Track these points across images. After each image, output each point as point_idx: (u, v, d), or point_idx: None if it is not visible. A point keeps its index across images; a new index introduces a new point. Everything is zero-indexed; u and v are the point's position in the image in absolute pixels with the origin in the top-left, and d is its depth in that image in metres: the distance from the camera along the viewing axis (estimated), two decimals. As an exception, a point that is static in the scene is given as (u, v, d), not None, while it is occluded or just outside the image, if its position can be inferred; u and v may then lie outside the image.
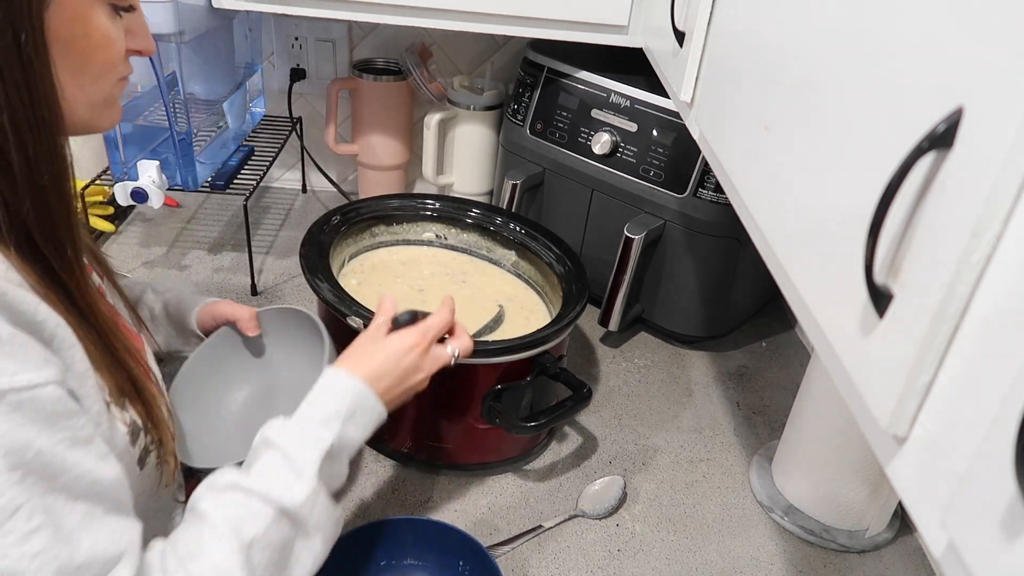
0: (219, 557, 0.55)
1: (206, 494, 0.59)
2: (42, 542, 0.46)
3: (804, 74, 0.52)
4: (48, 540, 0.46)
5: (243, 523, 0.57)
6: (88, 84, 0.56)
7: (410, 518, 0.86)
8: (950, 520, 0.32)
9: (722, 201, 1.10)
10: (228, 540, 0.56)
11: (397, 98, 1.43)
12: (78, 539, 0.48)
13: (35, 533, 0.46)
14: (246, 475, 0.60)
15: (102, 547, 0.50)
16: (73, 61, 0.53)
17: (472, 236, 1.15)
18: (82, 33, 0.54)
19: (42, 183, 0.52)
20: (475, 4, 1.10)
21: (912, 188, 0.36)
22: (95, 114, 0.58)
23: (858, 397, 0.40)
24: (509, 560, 0.86)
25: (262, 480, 0.60)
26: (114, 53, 0.57)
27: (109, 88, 0.59)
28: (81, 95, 0.55)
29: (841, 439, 0.89)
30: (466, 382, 0.91)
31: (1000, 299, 0.31)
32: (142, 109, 1.19)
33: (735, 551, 0.91)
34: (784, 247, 0.53)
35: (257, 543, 0.57)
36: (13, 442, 0.45)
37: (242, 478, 0.60)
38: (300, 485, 0.60)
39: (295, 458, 0.62)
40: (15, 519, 0.45)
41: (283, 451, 0.62)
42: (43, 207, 0.52)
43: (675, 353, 1.24)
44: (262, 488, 0.59)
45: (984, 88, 0.32)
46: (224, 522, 0.57)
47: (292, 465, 0.61)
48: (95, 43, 0.55)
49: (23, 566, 0.45)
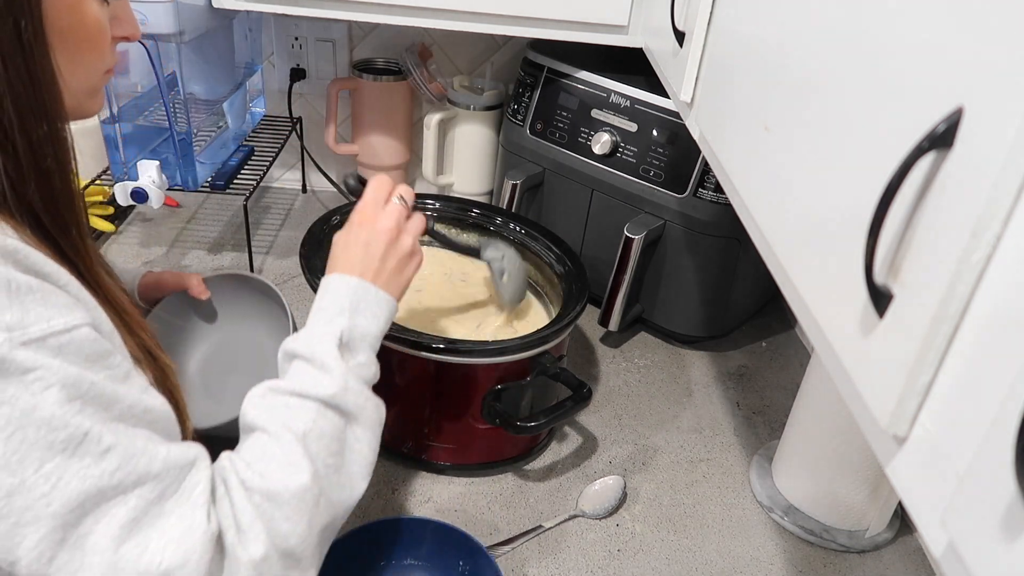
0: (280, 452, 0.59)
1: (249, 408, 0.63)
2: (117, 459, 0.49)
3: (804, 74, 0.52)
4: (123, 456, 0.49)
5: (291, 420, 0.61)
6: (80, 71, 0.58)
7: (410, 518, 0.86)
8: (950, 520, 0.32)
9: (722, 201, 1.10)
10: (283, 436, 0.60)
11: (397, 98, 1.43)
12: (153, 451, 0.51)
13: (109, 452, 0.49)
14: (280, 383, 0.64)
15: (176, 455, 0.53)
16: (68, 47, 0.55)
17: (472, 236, 1.14)
18: (77, 20, 0.56)
19: (46, 166, 0.54)
20: (475, 4, 1.10)
21: (912, 188, 0.36)
22: (82, 101, 0.60)
23: (858, 397, 0.40)
24: (509, 560, 0.86)
25: (294, 381, 0.64)
26: (104, 40, 0.59)
27: (97, 78, 0.60)
28: (73, 81, 0.57)
29: (841, 439, 0.89)
30: (466, 382, 0.91)
31: (1000, 299, 0.31)
32: (142, 109, 1.19)
33: (735, 551, 0.91)
34: (784, 247, 0.53)
35: (310, 435, 0.61)
36: (67, 376, 0.47)
37: (277, 383, 0.64)
38: (328, 377, 0.64)
39: (314, 356, 0.65)
40: (86, 443, 0.48)
41: (302, 355, 0.66)
42: (48, 189, 0.54)
43: (675, 353, 1.24)
44: (296, 387, 0.63)
45: (984, 88, 0.32)
46: (274, 423, 0.61)
47: (314, 363, 0.65)
48: (88, 29, 0.57)
49: (104, 482, 0.48)
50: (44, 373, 0.46)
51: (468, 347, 0.88)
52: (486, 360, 0.89)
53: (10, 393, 0.45)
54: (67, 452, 0.47)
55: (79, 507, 0.47)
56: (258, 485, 0.57)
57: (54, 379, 0.47)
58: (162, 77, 1.08)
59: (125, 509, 0.49)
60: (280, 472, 0.58)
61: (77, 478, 0.47)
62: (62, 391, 0.47)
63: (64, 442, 0.47)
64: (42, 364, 0.46)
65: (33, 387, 0.46)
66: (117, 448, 0.49)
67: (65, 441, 0.47)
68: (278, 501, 0.57)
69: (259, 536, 0.55)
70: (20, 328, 0.46)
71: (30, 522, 0.46)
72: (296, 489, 0.58)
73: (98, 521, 0.48)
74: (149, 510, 0.50)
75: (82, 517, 0.48)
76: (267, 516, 0.56)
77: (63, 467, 0.47)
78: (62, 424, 0.47)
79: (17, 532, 0.46)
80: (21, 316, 0.47)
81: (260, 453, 0.59)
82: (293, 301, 1.24)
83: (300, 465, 0.59)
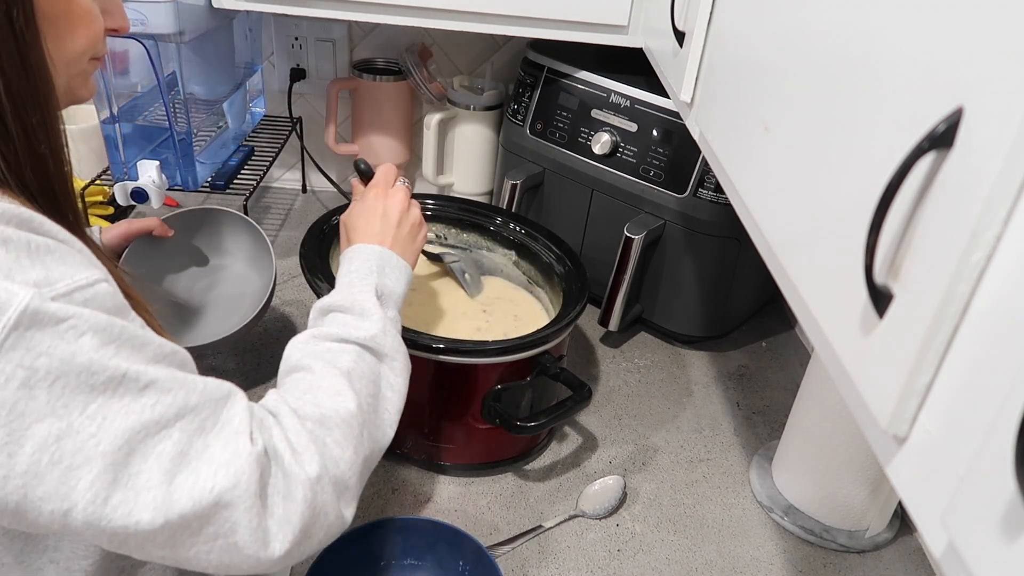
0: (327, 383, 0.64)
1: (293, 351, 0.68)
2: (156, 394, 0.51)
3: (804, 74, 0.52)
4: (161, 391, 0.51)
5: (335, 359, 0.66)
6: (69, 57, 0.59)
7: (410, 518, 0.86)
8: (950, 520, 0.32)
9: (722, 201, 1.10)
10: (329, 370, 0.65)
11: (397, 98, 1.43)
12: (190, 385, 0.53)
13: (147, 388, 0.50)
14: (320, 330, 0.69)
15: (212, 387, 0.55)
16: (56, 34, 0.56)
17: (472, 236, 1.15)
18: (65, 10, 0.57)
19: (41, 152, 0.55)
20: (475, 4, 1.10)
21: (912, 188, 0.36)
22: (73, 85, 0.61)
23: (858, 397, 0.40)
24: (509, 560, 0.86)
25: (335, 328, 0.69)
26: (95, 29, 0.60)
27: (85, 64, 0.61)
28: (63, 67, 0.58)
29: (841, 439, 0.89)
30: (466, 382, 0.91)
31: (1000, 299, 0.31)
32: (142, 109, 1.19)
33: (735, 551, 0.91)
34: (784, 247, 0.53)
35: (353, 373, 0.66)
36: (98, 323, 0.49)
37: (319, 330, 0.69)
38: (368, 322, 0.69)
39: (353, 305, 0.71)
40: (126, 383, 0.49)
41: (341, 306, 0.71)
42: (43, 174, 0.56)
43: (675, 353, 1.24)
44: (338, 333, 0.68)
45: (984, 88, 0.32)
46: (319, 362, 0.65)
47: (354, 311, 0.70)
48: (76, 19, 0.58)
49: (147, 416, 0.50)
50: (77, 321, 0.48)
51: (468, 347, 0.88)
52: (486, 360, 0.89)
53: (47, 344, 0.47)
54: (108, 392, 0.49)
55: (126, 444, 0.49)
56: (310, 412, 0.61)
57: (86, 326, 0.48)
58: (162, 77, 1.08)
59: (170, 444, 0.51)
60: (329, 400, 0.62)
61: (121, 415, 0.49)
62: (96, 336, 0.48)
63: (105, 383, 0.48)
64: (73, 313, 0.48)
65: (68, 335, 0.47)
66: (155, 384, 0.51)
67: (106, 383, 0.48)
68: (328, 425, 0.61)
69: (313, 457, 0.58)
70: (48, 284, 0.48)
71: (82, 464, 0.48)
72: (345, 414, 0.62)
73: (146, 459, 0.50)
74: (193, 443, 0.52)
75: (130, 455, 0.49)
76: (319, 440, 0.59)
77: (107, 407, 0.48)
78: (101, 367, 0.48)
79: (71, 475, 0.48)
80: (46, 273, 0.48)
81: (307, 386, 0.63)
82: (293, 302, 1.24)
83: (346, 395, 0.63)
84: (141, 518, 0.49)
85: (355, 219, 0.82)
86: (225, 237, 1.07)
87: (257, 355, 1.12)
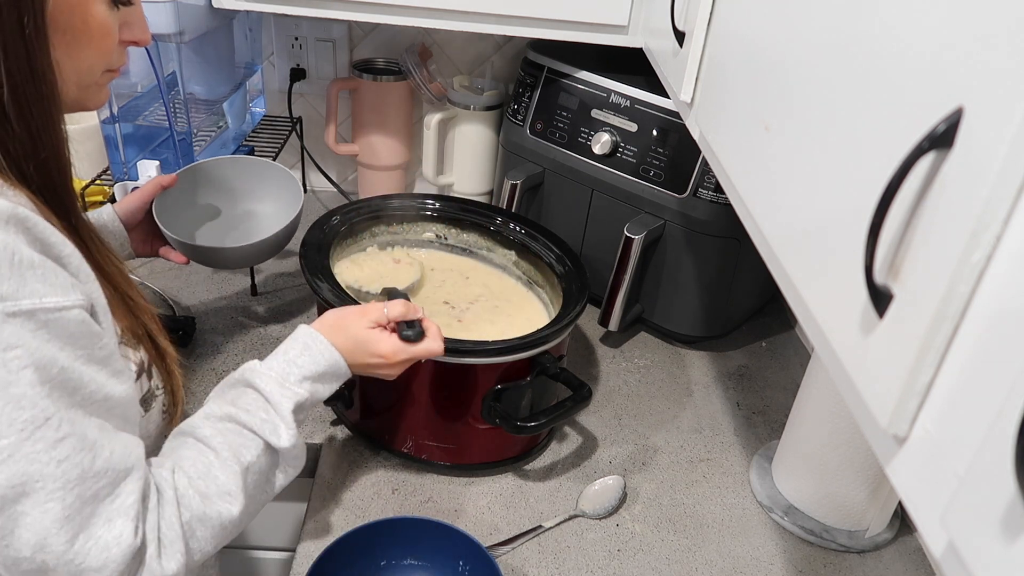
0: (223, 478, 0.63)
1: (204, 423, 0.66)
2: (67, 450, 0.51)
3: (804, 74, 0.52)
4: (73, 448, 0.52)
5: (241, 450, 0.65)
6: (79, 68, 0.59)
7: (410, 518, 0.86)
8: (950, 520, 0.32)
9: (722, 201, 1.10)
10: (231, 464, 0.64)
11: (397, 98, 1.43)
12: (99, 448, 0.54)
13: (62, 442, 0.51)
14: (237, 410, 0.67)
15: (117, 457, 0.55)
16: (69, 45, 0.57)
17: (472, 236, 1.14)
18: (80, 21, 0.57)
19: (44, 155, 0.56)
20: (475, 4, 1.10)
21: (912, 188, 0.36)
22: (84, 95, 0.62)
23: (858, 397, 0.40)
24: (509, 560, 0.86)
25: (254, 419, 0.67)
26: (109, 42, 0.61)
27: (98, 75, 0.62)
28: (74, 76, 0.59)
29: (841, 439, 0.89)
30: (466, 382, 0.91)
31: (1000, 299, 0.31)
32: (142, 109, 1.19)
33: (735, 551, 0.91)
34: (784, 247, 0.53)
35: (251, 468, 0.65)
36: (42, 358, 0.50)
37: (237, 412, 0.67)
38: (285, 429, 0.68)
39: (277, 405, 0.69)
40: (45, 428, 0.50)
41: (266, 396, 0.69)
42: (46, 177, 0.57)
43: (675, 353, 1.24)
44: (255, 425, 0.67)
45: (984, 88, 0.32)
46: (226, 448, 0.64)
47: (276, 410, 0.68)
48: (91, 31, 0.58)
49: (51, 470, 0.51)
50: (22, 352, 0.48)
51: (468, 347, 0.88)
52: (486, 360, 0.89)
53: None
54: (24, 432, 0.49)
55: (20, 485, 0.50)
56: (195, 506, 0.61)
57: (30, 360, 0.49)
58: (162, 77, 1.08)
59: (61, 505, 0.51)
60: (218, 499, 0.62)
61: (26, 459, 0.50)
62: (36, 373, 0.49)
63: (25, 422, 0.49)
64: (23, 343, 0.48)
65: (11, 364, 0.48)
66: (69, 439, 0.51)
67: (26, 422, 0.49)
68: (206, 524, 0.61)
69: (177, 554, 0.58)
70: (12, 299, 0.49)
71: None
72: (226, 520, 0.62)
73: (36, 507, 0.51)
74: (83, 509, 0.53)
75: (22, 496, 0.50)
76: (190, 536, 0.60)
77: (17, 447, 0.49)
78: (30, 404, 0.49)
79: None
80: (17, 288, 0.49)
81: (204, 471, 0.63)
82: (292, 302, 1.24)
83: (236, 497, 0.63)
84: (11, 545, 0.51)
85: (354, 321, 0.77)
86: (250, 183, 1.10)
87: (257, 355, 1.11)
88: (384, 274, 1.06)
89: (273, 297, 1.25)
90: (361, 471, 0.96)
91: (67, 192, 0.59)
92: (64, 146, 0.58)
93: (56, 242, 0.53)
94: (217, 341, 1.14)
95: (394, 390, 0.93)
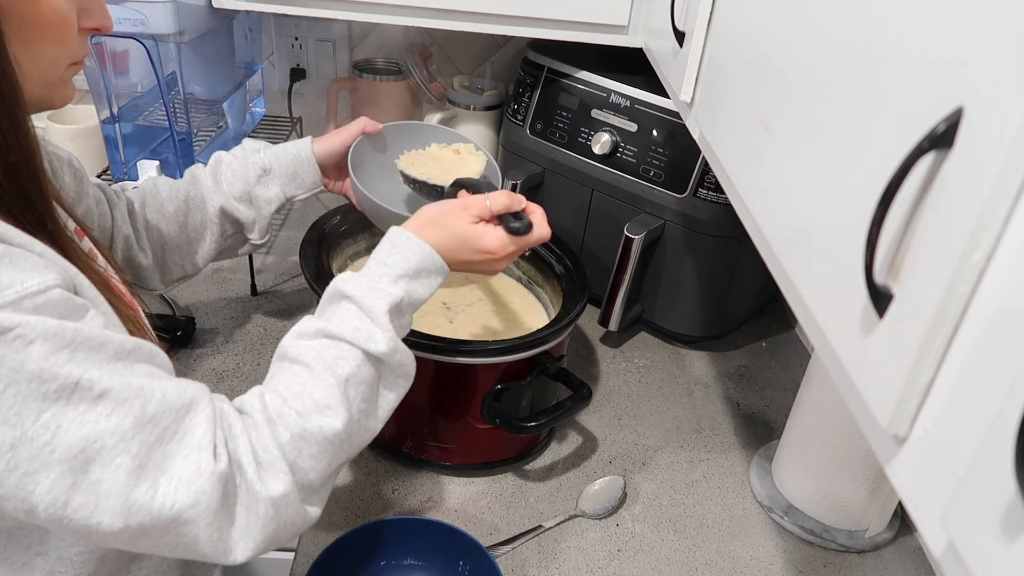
0: (319, 392, 0.60)
1: (295, 342, 0.64)
2: (110, 404, 0.50)
3: (804, 74, 0.52)
4: (117, 400, 0.50)
5: (337, 363, 0.62)
6: (40, 61, 0.57)
7: (410, 518, 0.86)
8: (950, 520, 0.32)
9: (722, 201, 1.10)
10: (326, 377, 0.61)
11: (397, 98, 1.43)
12: (149, 393, 0.52)
13: (102, 398, 0.49)
14: (329, 323, 0.65)
15: (172, 397, 0.53)
16: (25, 37, 0.54)
17: None
18: (32, 9, 0.54)
19: (12, 159, 0.53)
20: (475, 4, 1.10)
21: (912, 188, 0.36)
22: (48, 92, 0.60)
23: (858, 397, 0.40)
24: (509, 560, 0.86)
25: (345, 327, 0.64)
26: (67, 32, 0.58)
27: (62, 70, 0.59)
28: (36, 72, 0.56)
29: (841, 439, 0.89)
30: (466, 382, 0.91)
31: (1000, 299, 0.31)
32: (142, 109, 1.19)
33: (735, 551, 0.91)
34: (784, 247, 0.53)
35: (351, 380, 0.62)
36: (47, 329, 0.48)
37: (328, 325, 0.64)
38: (381, 334, 0.65)
39: (371, 308, 0.65)
40: (79, 391, 0.49)
41: (358, 302, 0.66)
42: (16, 182, 0.54)
43: (675, 353, 1.24)
44: (349, 334, 0.64)
45: (984, 88, 0.32)
46: (320, 362, 0.62)
47: (367, 316, 0.65)
48: (46, 19, 0.56)
49: (102, 427, 0.49)
50: (23, 330, 0.47)
51: (468, 347, 0.88)
52: (486, 360, 0.89)
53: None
54: (62, 401, 0.48)
55: (82, 452, 0.49)
56: (291, 423, 0.58)
57: (35, 334, 0.47)
58: (162, 77, 1.08)
59: (128, 456, 0.50)
60: (316, 413, 0.59)
61: (76, 424, 0.48)
62: (45, 343, 0.48)
63: (57, 392, 0.48)
64: (20, 322, 0.47)
65: (15, 344, 0.47)
66: (110, 394, 0.50)
67: (58, 391, 0.48)
68: (308, 440, 0.58)
69: (280, 474, 0.56)
70: None
71: (38, 470, 0.48)
72: (329, 433, 0.59)
73: (105, 468, 0.49)
74: (152, 454, 0.51)
75: (88, 463, 0.49)
76: (292, 455, 0.58)
77: (61, 415, 0.48)
78: (51, 375, 0.48)
79: (28, 480, 0.48)
80: None
81: (299, 389, 0.60)
82: (292, 302, 1.24)
83: (336, 410, 0.60)
84: (102, 520, 0.50)
85: (436, 213, 0.74)
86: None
87: (257, 355, 1.12)
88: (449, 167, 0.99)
89: (273, 297, 1.25)
90: (361, 471, 0.96)
91: (41, 197, 0.56)
92: (35, 148, 0.55)
93: (24, 241, 0.51)
94: (217, 341, 1.14)
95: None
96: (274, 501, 0.56)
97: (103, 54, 1.08)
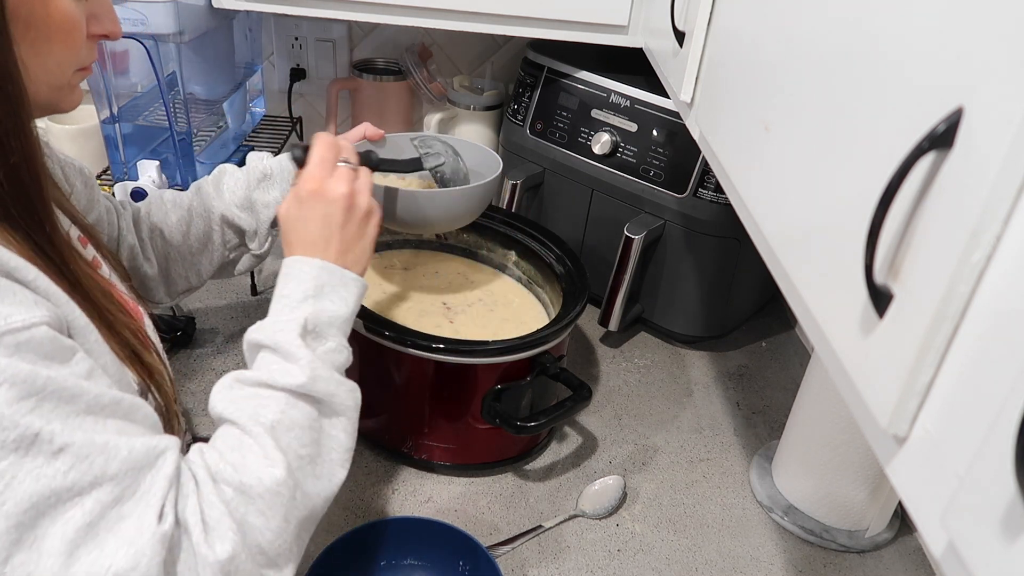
0: (253, 444, 0.58)
1: (217, 399, 0.62)
2: (70, 459, 0.47)
3: (804, 74, 0.52)
4: (76, 456, 0.48)
5: (259, 411, 0.59)
6: (47, 65, 0.56)
7: (410, 518, 0.86)
8: (950, 520, 0.32)
9: (722, 201, 1.10)
10: (253, 428, 0.58)
11: (397, 98, 1.43)
12: (114, 450, 0.50)
13: (62, 452, 0.47)
14: (246, 372, 0.63)
15: (138, 455, 0.51)
16: (34, 41, 0.54)
17: (472, 236, 1.14)
18: (43, 13, 0.54)
19: (13, 160, 0.52)
20: (475, 4, 1.10)
21: (912, 188, 0.36)
22: (55, 96, 0.59)
23: (858, 397, 0.40)
24: (509, 560, 0.86)
25: (260, 372, 0.62)
26: (76, 37, 0.57)
27: (69, 75, 0.59)
28: (44, 76, 0.56)
29: (841, 439, 0.89)
30: (466, 382, 0.91)
31: (1000, 299, 0.31)
32: (142, 109, 1.19)
33: (735, 551, 0.91)
34: (784, 247, 0.53)
35: (278, 426, 0.59)
36: (18, 373, 0.46)
37: (242, 374, 0.62)
38: (295, 366, 0.62)
39: (279, 346, 0.63)
40: (38, 443, 0.47)
41: (267, 345, 0.64)
42: (16, 184, 0.53)
43: (675, 353, 1.24)
44: (262, 377, 0.61)
45: (984, 88, 0.32)
46: (242, 414, 0.59)
47: (279, 352, 0.63)
48: (56, 24, 0.55)
49: (58, 483, 0.47)
50: None
51: (468, 347, 0.88)
52: (486, 360, 0.89)
53: None
54: (19, 451, 0.46)
55: (33, 508, 0.46)
56: (230, 477, 0.55)
57: (2, 378, 0.46)
58: (162, 77, 1.08)
59: (81, 512, 0.48)
60: (253, 465, 0.56)
61: (30, 478, 0.46)
62: (12, 389, 0.46)
63: (15, 441, 0.46)
64: None
65: None
66: (71, 448, 0.48)
67: (16, 441, 0.46)
68: (250, 495, 0.55)
69: (227, 534, 0.53)
70: None
71: None
72: (270, 482, 0.56)
73: (54, 523, 0.47)
74: (106, 514, 0.49)
75: (37, 518, 0.47)
76: (239, 511, 0.54)
77: (16, 466, 0.46)
78: (11, 424, 0.46)
79: None
80: None
81: (234, 443, 0.58)
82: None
83: (273, 457, 0.57)
84: None
85: (292, 222, 0.72)
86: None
87: (257, 355, 1.12)
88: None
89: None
90: (361, 471, 0.96)
91: (41, 201, 0.55)
92: (37, 151, 0.54)
93: (17, 266, 0.50)
94: (217, 341, 1.14)
95: (394, 390, 0.93)
96: (222, 565, 0.52)
97: (103, 54, 1.08)
